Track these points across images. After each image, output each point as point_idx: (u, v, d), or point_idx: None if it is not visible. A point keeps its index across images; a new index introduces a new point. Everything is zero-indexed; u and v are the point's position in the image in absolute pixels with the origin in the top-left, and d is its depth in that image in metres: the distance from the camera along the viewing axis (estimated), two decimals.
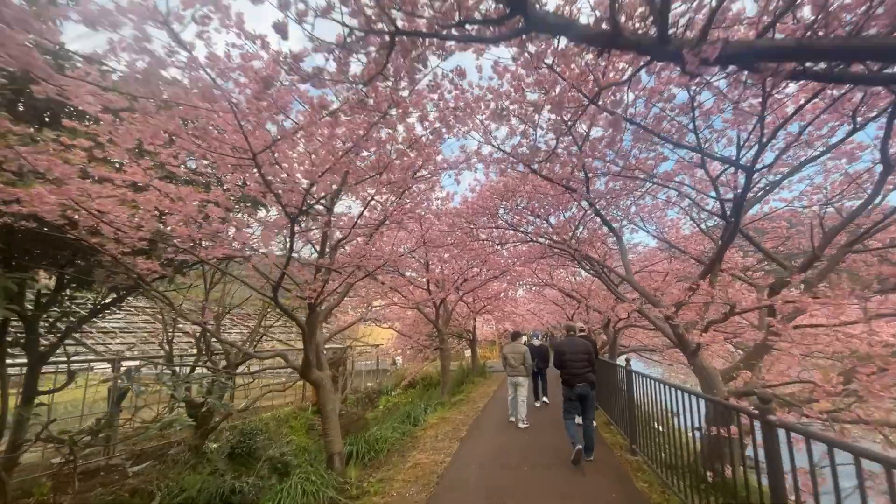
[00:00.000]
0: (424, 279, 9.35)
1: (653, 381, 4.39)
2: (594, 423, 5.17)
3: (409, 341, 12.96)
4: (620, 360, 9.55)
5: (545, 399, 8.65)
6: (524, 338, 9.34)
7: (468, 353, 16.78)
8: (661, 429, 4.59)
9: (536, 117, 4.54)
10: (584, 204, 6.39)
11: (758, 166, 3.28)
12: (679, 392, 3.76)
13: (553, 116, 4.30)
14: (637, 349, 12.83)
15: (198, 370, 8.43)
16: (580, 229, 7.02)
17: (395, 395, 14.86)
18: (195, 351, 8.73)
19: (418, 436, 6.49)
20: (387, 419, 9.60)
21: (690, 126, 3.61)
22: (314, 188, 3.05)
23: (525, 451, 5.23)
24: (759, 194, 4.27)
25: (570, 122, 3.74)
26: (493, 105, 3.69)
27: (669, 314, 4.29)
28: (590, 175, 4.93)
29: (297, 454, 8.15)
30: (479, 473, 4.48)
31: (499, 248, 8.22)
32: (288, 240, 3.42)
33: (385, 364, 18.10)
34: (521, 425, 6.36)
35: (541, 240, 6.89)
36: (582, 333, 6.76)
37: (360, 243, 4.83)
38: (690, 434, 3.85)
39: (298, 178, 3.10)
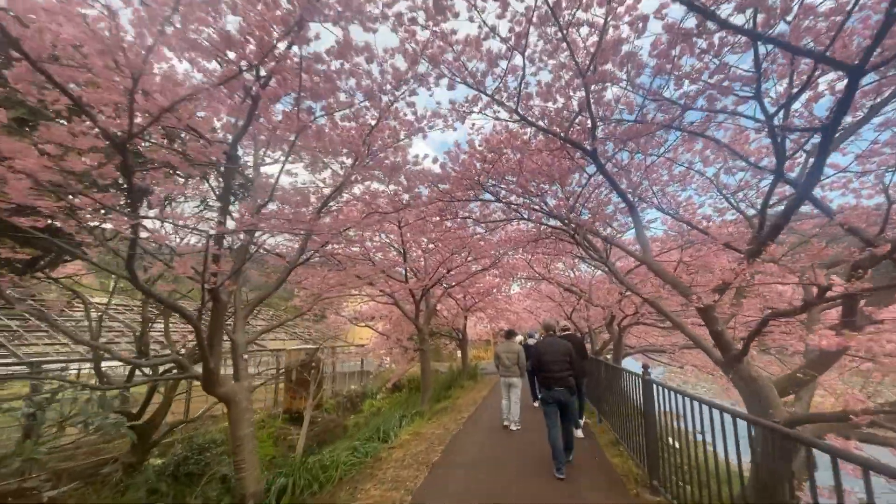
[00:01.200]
0: (401, 269, 8.10)
1: (684, 398, 3.15)
2: (581, 427, 5.61)
3: (389, 341, 11.73)
4: (626, 363, 8.38)
5: (537, 405, 7.66)
6: (520, 337, 8.43)
7: (460, 353, 15.57)
8: (676, 445, 3.46)
9: (524, 40, 3.35)
10: (589, 170, 5.19)
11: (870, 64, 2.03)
12: (725, 414, 2.56)
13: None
14: (644, 349, 11.67)
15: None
16: (581, 209, 5.83)
17: (380, 398, 13.67)
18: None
19: (383, 457, 5.26)
20: (361, 430, 8.41)
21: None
22: (140, 83, 1.81)
23: (511, 483, 4.01)
24: (839, 134, 3.04)
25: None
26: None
27: (710, 303, 3.07)
28: (597, 123, 3.73)
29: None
30: None
31: (481, 231, 7.00)
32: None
33: (371, 365, 16.83)
34: (513, 427, 6.23)
35: (532, 213, 5.67)
36: (566, 333, 6.33)
37: (291, 209, 3.60)
38: (737, 466, 2.67)
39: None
